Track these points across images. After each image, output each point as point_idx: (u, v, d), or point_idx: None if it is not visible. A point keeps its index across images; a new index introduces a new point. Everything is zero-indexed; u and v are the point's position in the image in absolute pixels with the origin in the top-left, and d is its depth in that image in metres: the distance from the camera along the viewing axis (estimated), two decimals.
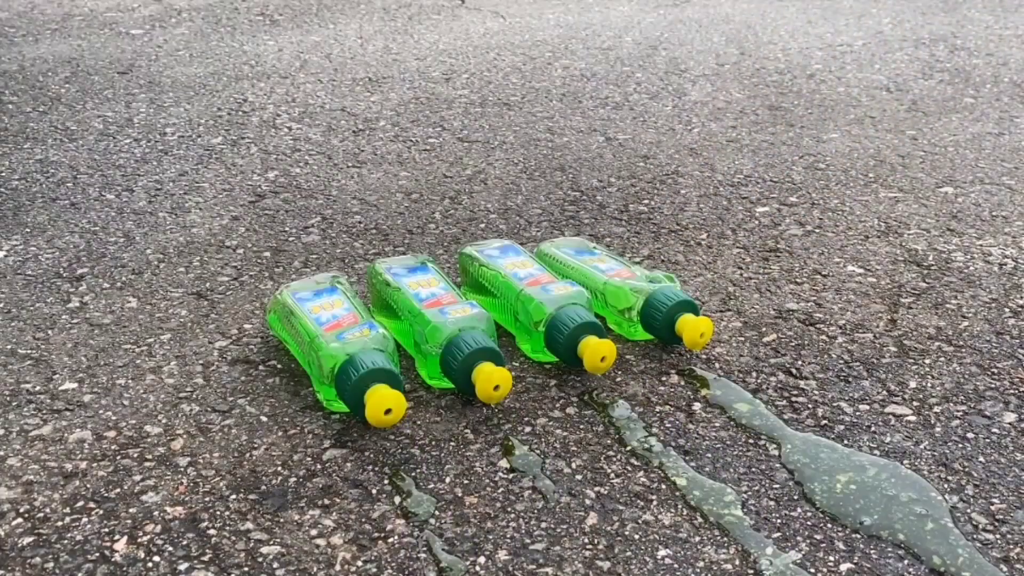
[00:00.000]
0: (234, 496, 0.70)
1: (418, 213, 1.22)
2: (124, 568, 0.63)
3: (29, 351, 0.91)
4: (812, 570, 0.62)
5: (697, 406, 0.80)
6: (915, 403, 0.80)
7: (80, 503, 0.70)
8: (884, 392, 0.82)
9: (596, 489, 0.70)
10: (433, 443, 0.76)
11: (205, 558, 0.64)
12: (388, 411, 0.74)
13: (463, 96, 1.74)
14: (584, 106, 1.67)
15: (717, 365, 0.86)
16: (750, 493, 0.69)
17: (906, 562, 0.63)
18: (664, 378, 0.84)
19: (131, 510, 0.69)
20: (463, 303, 0.85)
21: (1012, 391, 0.81)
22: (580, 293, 0.87)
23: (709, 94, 1.73)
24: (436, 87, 1.80)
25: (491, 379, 0.77)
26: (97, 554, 0.65)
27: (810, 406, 0.80)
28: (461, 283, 0.97)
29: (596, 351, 0.81)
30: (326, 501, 0.69)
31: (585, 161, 1.40)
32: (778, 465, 0.73)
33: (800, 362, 0.86)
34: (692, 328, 0.84)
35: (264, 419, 0.79)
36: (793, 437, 0.76)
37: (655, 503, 0.68)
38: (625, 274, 0.93)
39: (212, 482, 0.72)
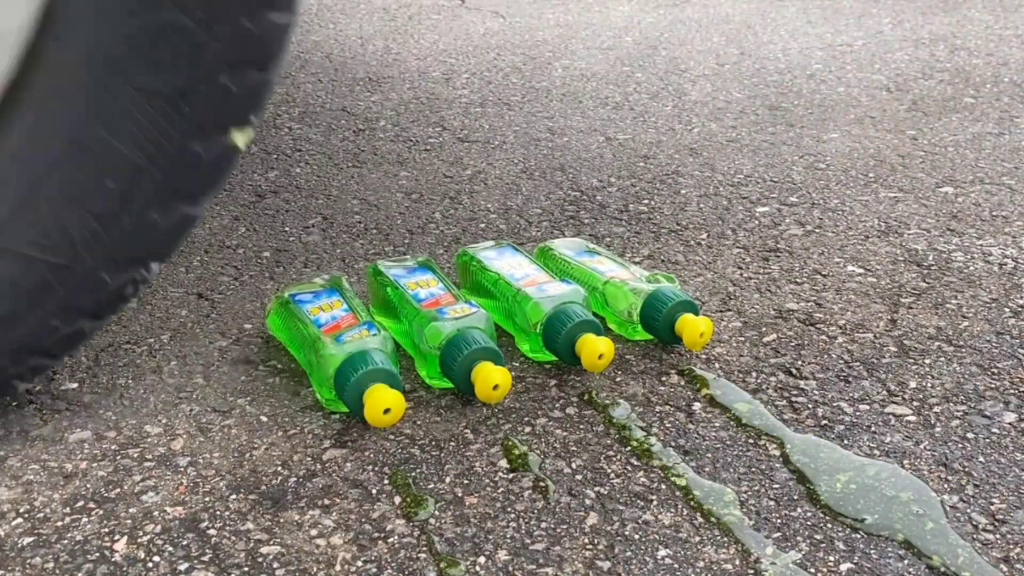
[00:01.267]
0: (234, 496, 0.70)
1: (418, 213, 1.22)
2: (124, 568, 0.63)
3: None
4: (812, 570, 0.62)
5: (697, 406, 0.80)
6: (915, 403, 0.80)
7: (80, 503, 0.70)
8: (884, 392, 0.82)
9: (596, 489, 0.70)
10: (433, 443, 0.76)
11: (205, 558, 0.64)
12: (387, 411, 0.74)
13: (463, 96, 1.74)
14: (584, 106, 1.67)
15: (717, 365, 0.86)
16: (750, 493, 0.69)
17: (906, 562, 0.63)
18: (664, 378, 0.84)
19: (131, 510, 0.69)
20: (462, 303, 0.85)
21: (1012, 391, 0.81)
22: (576, 291, 0.87)
23: (709, 94, 1.73)
24: (436, 87, 1.80)
25: (490, 379, 0.77)
26: (97, 554, 0.65)
27: (810, 406, 0.80)
28: (460, 284, 0.97)
29: (594, 349, 0.81)
30: (326, 501, 0.69)
31: (585, 161, 1.40)
32: (778, 465, 0.73)
33: (800, 362, 0.86)
34: (692, 328, 0.84)
35: (264, 419, 0.79)
36: (793, 437, 0.76)
37: (655, 503, 0.68)
38: (624, 275, 0.93)
39: (212, 482, 0.72)
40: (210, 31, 0.62)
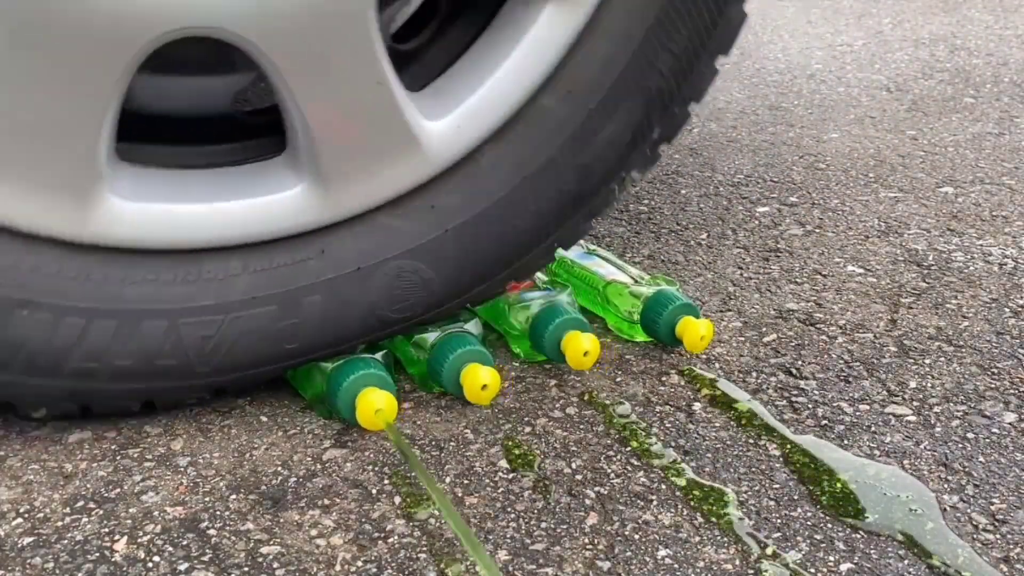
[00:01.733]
0: (234, 496, 0.70)
1: None
2: (124, 568, 0.63)
3: None
4: (812, 570, 0.62)
5: (697, 406, 0.80)
6: (915, 403, 0.80)
7: (80, 503, 0.70)
8: (884, 392, 0.82)
9: (596, 489, 0.70)
10: (433, 443, 0.76)
11: (205, 558, 0.64)
12: (378, 411, 0.74)
13: None
14: None
15: (717, 365, 0.86)
16: (750, 493, 0.69)
17: (906, 562, 0.63)
18: (664, 378, 0.84)
19: (131, 510, 0.69)
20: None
21: (1012, 391, 0.81)
22: (561, 293, 0.87)
23: (709, 94, 1.73)
24: None
25: (478, 379, 0.77)
26: (97, 554, 0.65)
27: (810, 406, 0.80)
28: None
29: (579, 346, 0.81)
30: (326, 501, 0.69)
31: None
32: (778, 465, 0.73)
33: (800, 362, 0.86)
34: (693, 331, 0.84)
35: (264, 419, 0.79)
36: (793, 437, 0.76)
37: (655, 503, 0.68)
38: (624, 278, 0.93)
39: (212, 482, 0.72)
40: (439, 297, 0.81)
